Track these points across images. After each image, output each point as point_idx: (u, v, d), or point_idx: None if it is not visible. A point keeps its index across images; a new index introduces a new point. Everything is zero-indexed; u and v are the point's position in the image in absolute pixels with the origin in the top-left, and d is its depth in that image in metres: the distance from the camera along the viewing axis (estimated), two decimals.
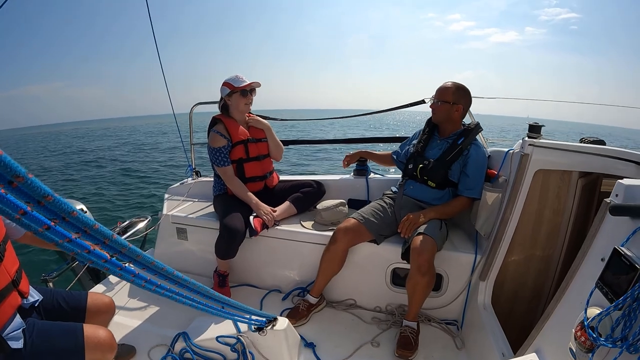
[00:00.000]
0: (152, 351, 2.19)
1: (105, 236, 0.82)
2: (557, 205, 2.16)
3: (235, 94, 2.80)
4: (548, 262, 2.27)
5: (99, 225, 0.79)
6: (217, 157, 2.78)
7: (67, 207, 0.69)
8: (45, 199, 0.65)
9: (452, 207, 2.49)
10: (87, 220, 0.76)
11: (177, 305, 2.56)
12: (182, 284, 1.20)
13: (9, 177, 0.58)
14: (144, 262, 1.00)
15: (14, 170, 0.57)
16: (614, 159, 1.90)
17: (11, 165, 0.57)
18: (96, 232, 0.79)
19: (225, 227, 2.55)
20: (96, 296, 1.98)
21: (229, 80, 2.80)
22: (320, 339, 2.33)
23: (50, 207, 0.67)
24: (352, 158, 3.19)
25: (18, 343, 1.48)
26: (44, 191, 0.64)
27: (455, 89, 2.51)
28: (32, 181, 0.61)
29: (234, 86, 2.77)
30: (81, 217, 0.74)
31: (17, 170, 0.58)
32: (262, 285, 2.93)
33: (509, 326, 2.11)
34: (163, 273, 1.09)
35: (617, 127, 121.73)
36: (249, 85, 2.80)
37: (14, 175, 0.58)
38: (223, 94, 2.84)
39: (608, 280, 1.10)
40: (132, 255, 0.94)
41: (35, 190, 0.62)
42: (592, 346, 1.06)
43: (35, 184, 0.62)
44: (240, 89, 2.78)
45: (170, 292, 1.24)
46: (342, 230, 2.46)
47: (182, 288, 1.26)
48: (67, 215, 0.71)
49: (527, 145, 2.06)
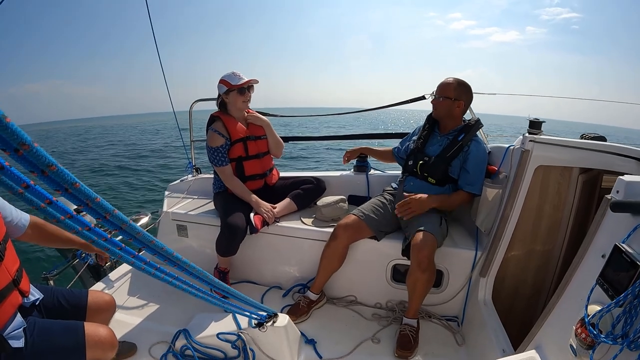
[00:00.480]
0: (152, 348, 2.19)
1: (107, 210, 0.83)
2: (558, 201, 2.15)
3: (232, 92, 2.76)
4: (548, 259, 2.26)
5: (101, 198, 0.80)
6: (216, 156, 2.76)
7: (70, 178, 0.70)
8: (49, 169, 0.66)
9: (453, 199, 2.48)
10: (89, 193, 0.76)
11: (178, 302, 2.58)
12: (181, 266, 1.19)
13: (15, 145, 0.59)
14: (144, 240, 0.99)
15: (20, 137, 0.58)
16: (614, 155, 1.90)
17: (18, 133, 0.58)
18: (98, 205, 0.80)
19: (226, 225, 2.55)
20: (97, 294, 1.98)
21: (226, 77, 2.76)
22: (321, 335, 2.34)
23: (54, 177, 0.68)
24: (353, 154, 3.19)
25: (19, 342, 1.48)
26: (48, 160, 0.65)
27: (457, 85, 2.49)
28: (37, 150, 0.62)
29: (231, 84, 2.73)
30: (83, 189, 0.74)
31: (23, 138, 0.59)
32: (263, 281, 2.94)
33: (510, 322, 2.11)
34: (162, 253, 1.08)
35: (616, 127, 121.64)
36: (247, 82, 2.76)
37: (20, 143, 0.59)
38: (220, 91, 2.80)
39: (609, 277, 1.10)
40: (132, 232, 0.94)
41: (40, 159, 0.63)
42: (593, 343, 1.06)
43: (40, 153, 0.63)
44: (238, 87, 2.74)
45: (170, 275, 1.23)
46: (342, 227, 2.46)
47: (182, 272, 1.25)
48: (69, 187, 0.72)
49: (527, 141, 2.06)
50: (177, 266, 1.18)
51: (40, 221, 1.91)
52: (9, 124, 0.56)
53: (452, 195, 2.49)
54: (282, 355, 2.06)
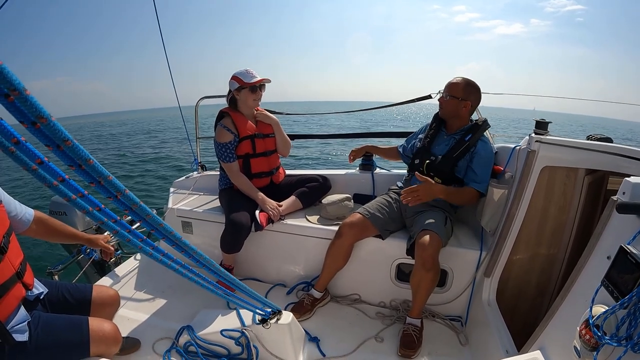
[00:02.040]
0: (156, 344, 2.20)
1: (118, 189, 0.83)
2: (563, 202, 2.14)
3: (244, 90, 2.76)
4: (553, 260, 2.25)
5: (113, 177, 0.80)
6: (223, 152, 2.77)
7: (84, 154, 0.71)
8: (65, 143, 0.67)
9: (461, 194, 2.44)
10: (102, 170, 0.77)
11: (182, 298, 2.59)
12: (188, 252, 1.20)
13: (33, 118, 0.60)
14: (153, 222, 1.00)
15: (39, 110, 0.60)
16: (620, 157, 1.89)
17: (37, 106, 0.59)
18: (110, 183, 0.80)
19: (231, 222, 2.56)
20: (101, 289, 1.99)
21: (239, 74, 2.75)
22: (325, 333, 2.34)
23: (68, 152, 0.69)
24: (358, 153, 3.19)
25: (23, 336, 1.50)
26: (64, 135, 0.66)
27: (465, 85, 2.48)
28: (54, 124, 0.63)
29: (244, 81, 2.73)
30: (97, 166, 0.75)
31: (41, 112, 0.60)
32: (267, 279, 2.94)
33: (513, 323, 2.11)
34: (170, 237, 1.09)
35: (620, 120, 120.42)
36: (259, 81, 2.75)
37: (39, 116, 0.60)
38: (232, 87, 2.80)
39: (614, 278, 1.09)
40: (142, 213, 0.94)
41: (56, 134, 0.65)
42: (597, 344, 1.06)
43: (57, 127, 0.64)
44: (250, 85, 2.73)
45: (177, 263, 1.24)
46: (347, 225, 2.46)
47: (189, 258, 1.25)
48: (83, 163, 0.72)
49: (533, 142, 2.05)
50: (185, 252, 1.19)
51: (44, 216, 1.92)
52: (28, 97, 0.57)
53: (459, 190, 2.46)
54: (285, 352, 2.06)
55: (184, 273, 1.29)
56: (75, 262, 2.71)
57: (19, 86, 0.56)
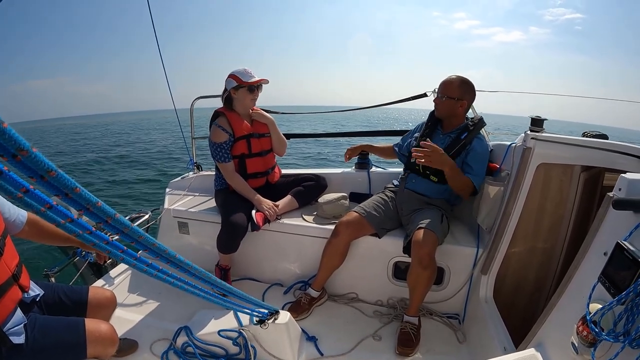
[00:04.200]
0: (154, 345, 2.19)
1: (108, 215, 0.82)
2: (559, 199, 2.15)
3: (242, 89, 2.74)
4: (550, 256, 2.26)
5: (102, 203, 0.79)
6: (218, 152, 2.75)
7: (70, 183, 0.70)
8: (48, 174, 0.65)
9: (461, 176, 2.38)
10: (90, 197, 0.75)
11: (179, 299, 2.58)
12: (183, 268, 1.19)
13: (13, 151, 0.58)
14: (146, 243, 0.98)
15: (18, 143, 0.58)
16: (616, 153, 1.89)
17: (16, 139, 0.57)
18: (99, 210, 0.79)
19: (228, 222, 2.55)
20: (97, 290, 1.98)
21: (237, 73, 2.72)
22: (322, 332, 2.34)
23: (53, 182, 0.67)
24: (354, 151, 3.18)
25: (20, 338, 1.49)
26: (47, 166, 0.64)
27: (460, 83, 2.48)
28: (36, 155, 0.61)
29: (242, 80, 2.71)
30: (84, 193, 0.73)
31: (21, 144, 0.58)
32: (264, 279, 2.94)
33: (511, 320, 2.11)
34: (165, 255, 1.08)
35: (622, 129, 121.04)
36: (258, 81, 2.74)
37: (18, 148, 0.58)
38: (229, 86, 2.76)
39: (610, 274, 1.10)
40: (134, 235, 0.93)
41: (39, 165, 0.63)
42: (595, 341, 1.06)
43: (39, 158, 0.62)
44: (248, 85, 2.72)
45: (172, 277, 1.23)
46: (343, 224, 2.46)
47: (184, 273, 1.24)
48: (70, 192, 0.71)
49: (529, 139, 2.05)
50: (180, 268, 1.18)
51: (37, 218, 1.91)
52: (6, 130, 0.55)
53: (461, 173, 2.40)
54: (283, 352, 2.06)
55: (180, 285, 1.29)
56: (72, 264, 2.70)
57: None
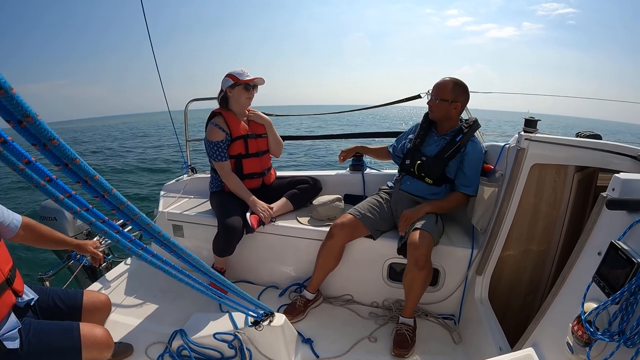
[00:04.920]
0: (149, 349, 2.18)
1: (105, 189, 0.82)
2: (553, 199, 2.16)
3: (238, 87, 2.75)
4: (544, 257, 2.27)
5: (100, 176, 0.79)
6: (215, 151, 2.75)
7: (70, 153, 0.71)
8: (51, 142, 0.66)
9: (448, 202, 2.49)
10: (89, 170, 0.76)
11: (174, 302, 2.57)
12: (177, 253, 1.18)
13: (19, 117, 0.60)
14: (141, 222, 0.98)
15: (24, 109, 0.60)
16: (609, 153, 1.90)
17: (22, 105, 0.59)
18: (96, 183, 0.79)
19: (224, 226, 2.54)
20: (92, 294, 1.97)
21: (233, 72, 2.75)
22: (318, 334, 2.33)
23: (55, 151, 0.68)
24: (348, 153, 3.18)
25: (14, 343, 1.48)
26: (50, 134, 0.65)
27: (454, 86, 2.48)
28: (40, 122, 0.63)
29: (238, 79, 2.73)
30: (83, 165, 0.74)
31: (27, 110, 0.60)
32: (259, 281, 2.93)
33: (506, 320, 2.12)
34: (159, 237, 1.07)
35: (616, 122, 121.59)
36: (253, 79, 2.76)
37: (24, 114, 0.60)
38: (225, 85, 2.79)
39: (605, 274, 1.10)
40: (130, 213, 0.93)
41: (42, 132, 0.64)
42: (590, 340, 1.07)
43: (43, 126, 0.64)
44: (244, 82, 2.74)
45: (167, 264, 1.22)
46: (338, 226, 2.46)
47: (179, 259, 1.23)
48: (70, 162, 0.72)
49: (523, 140, 2.06)
50: (174, 253, 1.17)
51: (32, 222, 1.90)
52: (14, 95, 0.57)
53: (446, 198, 2.51)
54: (279, 354, 2.06)
55: (174, 274, 1.26)
56: (66, 268, 2.69)
57: (5, 85, 0.55)
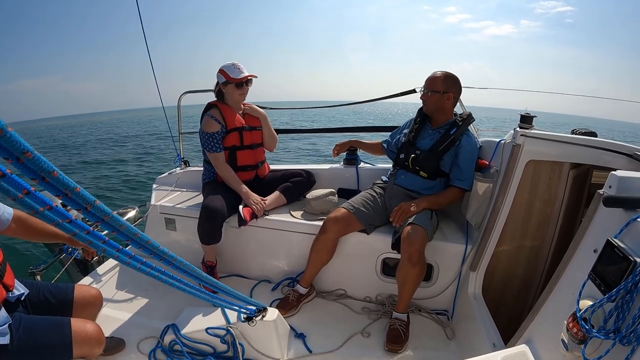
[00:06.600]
0: (141, 343, 2.16)
1: (87, 201, 0.78)
2: (548, 196, 2.16)
3: (230, 85, 2.75)
4: (538, 253, 2.27)
5: (81, 188, 0.75)
6: (210, 142, 2.73)
7: (47, 166, 0.67)
8: (24, 155, 0.63)
9: (444, 197, 2.49)
10: (68, 182, 0.72)
11: (166, 296, 2.55)
12: (167, 260, 1.14)
13: None
14: (128, 232, 0.94)
15: None
16: (605, 151, 1.91)
17: None
18: (77, 195, 0.75)
19: (205, 208, 2.53)
20: (83, 288, 1.95)
21: (225, 68, 2.74)
22: (311, 329, 2.33)
23: (29, 164, 0.65)
24: (342, 147, 3.17)
25: (4, 339, 1.46)
26: (23, 147, 0.62)
27: (444, 77, 2.49)
28: (11, 135, 0.59)
29: (230, 76, 2.71)
30: (62, 177, 0.70)
31: None
32: (251, 275, 2.92)
33: (499, 315, 2.12)
34: (147, 246, 1.03)
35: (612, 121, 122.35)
36: (245, 78, 2.74)
37: None
38: (219, 80, 2.79)
39: (601, 271, 1.10)
40: (115, 224, 0.89)
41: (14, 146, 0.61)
42: (585, 338, 1.06)
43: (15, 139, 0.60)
44: (236, 82, 2.73)
45: (157, 270, 1.19)
46: (332, 220, 2.45)
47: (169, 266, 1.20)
48: (47, 175, 0.68)
49: (518, 136, 2.05)
50: (164, 260, 1.14)
51: (24, 215, 1.87)
52: None
53: (442, 193, 2.51)
54: (271, 349, 2.05)
55: (165, 279, 1.24)
56: (58, 261, 2.66)
57: None
